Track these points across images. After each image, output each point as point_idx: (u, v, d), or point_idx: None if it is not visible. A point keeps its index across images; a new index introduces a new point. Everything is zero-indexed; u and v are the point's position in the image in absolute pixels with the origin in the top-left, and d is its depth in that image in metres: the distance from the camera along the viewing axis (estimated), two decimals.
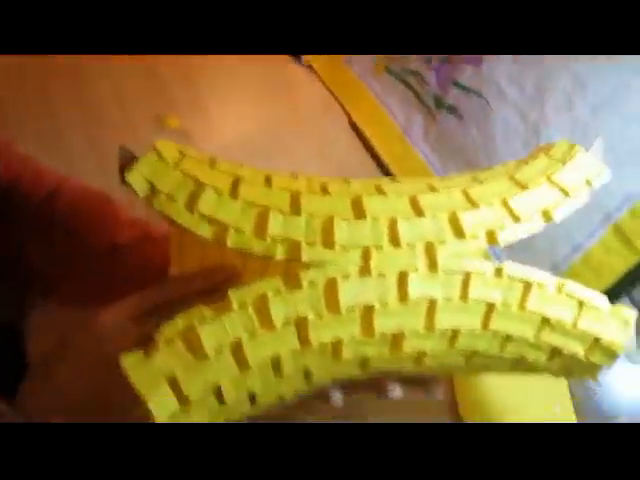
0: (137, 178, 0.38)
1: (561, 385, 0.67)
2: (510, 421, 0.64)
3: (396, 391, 0.46)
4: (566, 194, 0.41)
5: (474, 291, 0.38)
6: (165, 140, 0.40)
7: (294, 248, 0.37)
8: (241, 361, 0.36)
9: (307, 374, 0.38)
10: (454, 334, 0.39)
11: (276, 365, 0.37)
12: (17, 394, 0.39)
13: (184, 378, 0.35)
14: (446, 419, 0.64)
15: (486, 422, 0.62)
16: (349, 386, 0.44)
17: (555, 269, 0.67)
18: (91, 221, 0.56)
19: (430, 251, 0.38)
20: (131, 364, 0.35)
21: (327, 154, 0.86)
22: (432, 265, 0.38)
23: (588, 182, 0.42)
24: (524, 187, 0.41)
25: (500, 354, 0.41)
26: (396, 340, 0.38)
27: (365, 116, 0.88)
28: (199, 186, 0.38)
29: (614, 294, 0.63)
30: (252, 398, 0.38)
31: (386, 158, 0.84)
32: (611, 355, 0.41)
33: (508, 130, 0.69)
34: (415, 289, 0.37)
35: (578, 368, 0.43)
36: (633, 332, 0.42)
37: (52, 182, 0.57)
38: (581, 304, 0.40)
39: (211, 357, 0.35)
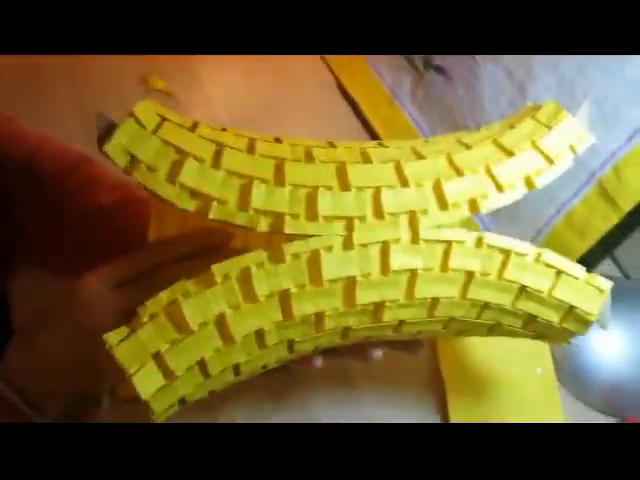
0: (115, 148, 0.36)
1: (543, 347, 0.67)
2: (492, 383, 0.64)
3: (378, 353, 0.46)
4: (550, 161, 0.42)
5: (454, 261, 0.39)
6: (145, 102, 0.38)
7: (277, 220, 0.37)
8: (225, 335, 0.36)
9: (290, 344, 0.39)
10: (433, 303, 0.40)
11: (260, 337, 0.37)
12: (1, 361, 0.38)
13: (169, 353, 0.35)
14: (428, 381, 0.64)
15: (478, 422, 0.62)
16: (331, 351, 0.44)
17: (539, 231, 0.66)
18: (73, 182, 0.55)
19: (413, 222, 0.38)
20: (115, 341, 0.35)
21: (315, 117, 0.85)
22: (414, 236, 0.38)
23: (572, 148, 0.43)
24: (509, 153, 0.41)
25: (477, 320, 0.42)
26: (377, 310, 0.39)
27: (353, 78, 0.87)
28: (181, 155, 0.36)
29: (597, 254, 0.63)
30: (236, 369, 0.38)
31: (374, 120, 0.83)
32: (584, 323, 0.43)
33: (495, 89, 0.68)
34: (397, 260, 0.38)
35: (552, 334, 0.44)
36: (608, 301, 0.42)
37: (33, 142, 0.56)
38: (558, 273, 0.41)
39: (195, 332, 0.35)
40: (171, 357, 0.35)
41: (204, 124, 0.40)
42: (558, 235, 0.64)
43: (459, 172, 0.40)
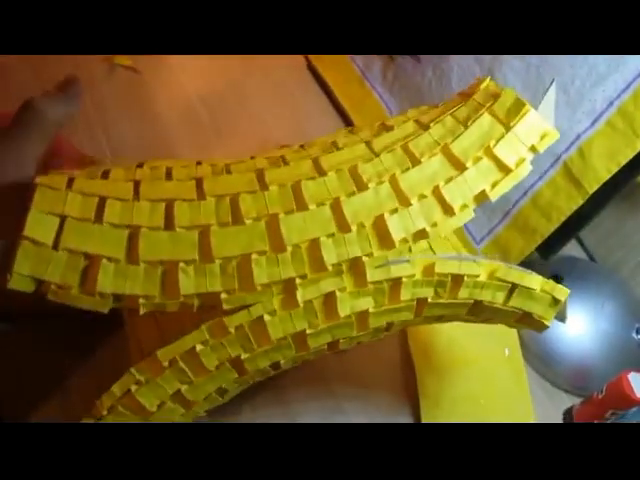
0: (20, 281, 0.31)
1: (510, 329, 0.67)
2: (460, 363, 0.65)
3: None
4: (507, 171, 0.39)
5: (405, 295, 0.38)
6: (40, 190, 0.32)
7: (214, 299, 0.34)
8: (186, 404, 0.38)
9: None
10: (387, 326, 0.40)
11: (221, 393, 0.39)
12: None
13: None
14: (398, 361, 0.65)
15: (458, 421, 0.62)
16: None
17: (507, 214, 0.67)
18: None
19: (357, 268, 0.36)
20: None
21: (285, 99, 0.84)
22: (361, 281, 0.37)
23: (533, 148, 0.40)
24: (460, 167, 0.38)
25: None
26: (332, 346, 0.40)
27: (324, 60, 0.86)
28: (91, 260, 0.32)
29: (562, 236, 0.64)
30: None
31: (344, 102, 0.83)
32: (540, 327, 0.43)
33: (463, 72, 0.68)
34: (345, 308, 0.37)
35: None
36: (565, 306, 0.42)
37: None
38: (513, 287, 0.40)
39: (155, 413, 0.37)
40: None
41: (115, 174, 0.35)
42: (524, 217, 0.64)
43: (404, 201, 0.37)
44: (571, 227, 0.62)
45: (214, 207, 0.34)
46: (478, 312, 0.42)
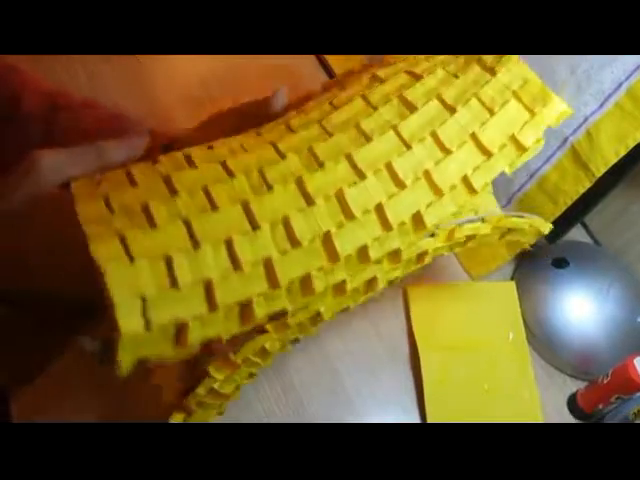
0: (127, 363, 0.32)
1: (515, 314, 0.67)
2: (465, 347, 0.64)
3: None
4: (524, 150, 0.40)
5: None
6: (111, 267, 0.31)
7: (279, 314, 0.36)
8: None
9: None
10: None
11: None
12: None
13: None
14: (404, 347, 0.65)
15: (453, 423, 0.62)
16: None
17: (512, 197, 0.66)
18: None
19: (364, 255, 0.38)
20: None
21: (286, 81, 0.83)
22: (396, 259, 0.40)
23: (550, 126, 0.41)
24: (487, 153, 0.39)
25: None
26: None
27: None
28: (180, 325, 0.33)
29: (568, 220, 0.63)
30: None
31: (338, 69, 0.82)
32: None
33: None
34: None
35: None
36: None
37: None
38: (509, 230, 0.47)
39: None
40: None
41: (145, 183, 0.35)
42: (531, 200, 0.64)
43: (438, 193, 0.38)
44: (577, 211, 0.62)
45: (270, 236, 0.35)
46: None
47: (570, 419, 0.63)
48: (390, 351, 0.64)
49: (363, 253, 0.37)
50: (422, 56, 0.43)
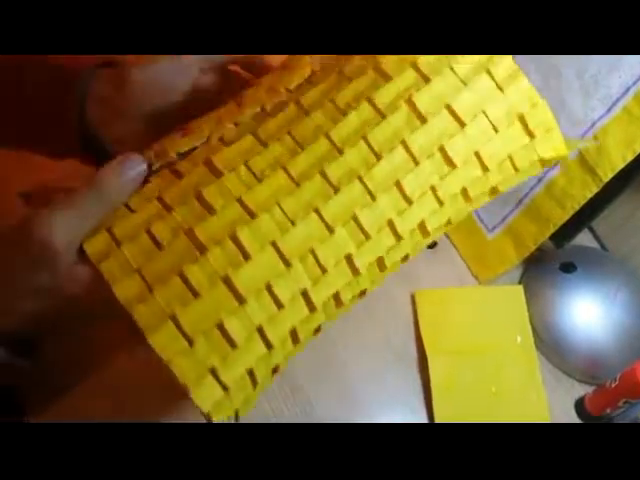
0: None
1: (523, 317, 0.68)
2: (472, 350, 0.65)
3: None
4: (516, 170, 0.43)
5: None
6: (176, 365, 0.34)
7: None
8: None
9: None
10: None
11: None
12: None
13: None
14: (412, 350, 0.65)
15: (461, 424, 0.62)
16: None
17: (520, 201, 0.66)
18: None
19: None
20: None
21: None
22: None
23: (522, 118, 0.41)
24: (462, 125, 0.40)
25: None
26: None
27: None
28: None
29: (576, 224, 0.64)
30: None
31: None
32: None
33: None
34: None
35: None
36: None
37: None
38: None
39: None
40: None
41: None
42: (538, 205, 0.64)
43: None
44: (585, 216, 0.62)
45: (302, 269, 0.37)
46: None
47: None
48: (398, 354, 0.65)
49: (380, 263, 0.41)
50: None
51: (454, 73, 0.40)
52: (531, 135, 0.41)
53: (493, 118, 0.40)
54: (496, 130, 0.40)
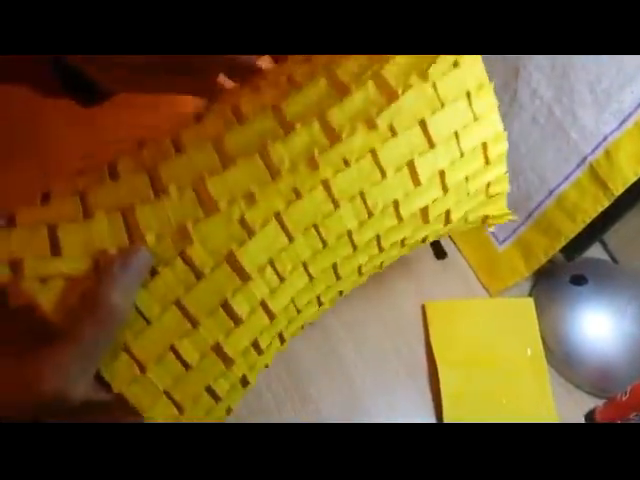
0: None
1: (533, 329, 0.68)
2: (483, 362, 0.65)
3: None
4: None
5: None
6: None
7: None
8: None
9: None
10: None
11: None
12: None
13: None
14: (423, 362, 0.65)
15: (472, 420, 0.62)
16: None
17: (531, 214, 0.67)
18: None
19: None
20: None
21: None
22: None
23: (468, 94, 0.41)
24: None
25: None
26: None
27: None
28: None
29: (587, 238, 0.64)
30: None
31: None
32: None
33: (488, 69, 0.67)
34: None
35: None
36: None
37: None
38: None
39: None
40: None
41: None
42: (549, 218, 0.64)
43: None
44: (596, 229, 0.62)
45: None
46: None
47: None
48: (408, 366, 0.65)
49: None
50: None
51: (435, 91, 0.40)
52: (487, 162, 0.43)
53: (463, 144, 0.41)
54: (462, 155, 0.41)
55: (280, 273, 0.38)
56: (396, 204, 0.40)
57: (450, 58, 0.40)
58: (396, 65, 0.39)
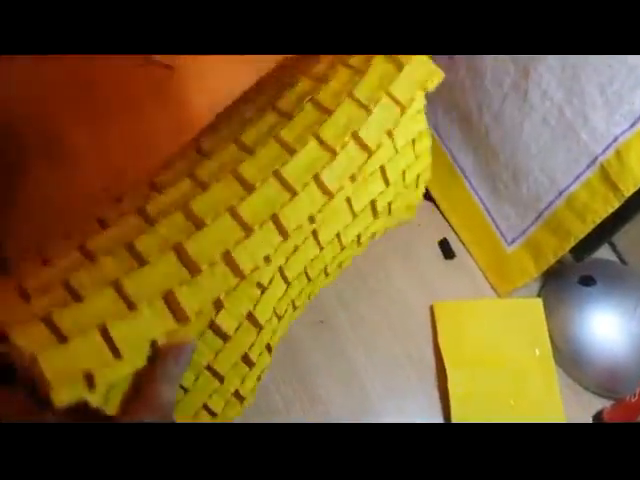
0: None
1: (541, 330, 0.67)
2: (491, 362, 0.65)
3: None
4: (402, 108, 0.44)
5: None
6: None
7: None
8: None
9: None
10: None
11: None
12: None
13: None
14: (431, 362, 0.65)
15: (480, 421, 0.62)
16: None
17: (540, 214, 0.66)
18: None
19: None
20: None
21: None
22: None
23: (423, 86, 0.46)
24: (368, 111, 0.41)
25: None
26: None
27: None
28: None
29: (596, 238, 0.63)
30: None
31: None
32: None
33: (498, 70, 0.67)
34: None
35: None
36: None
37: None
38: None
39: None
40: None
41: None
42: (559, 218, 0.64)
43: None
44: (606, 230, 0.62)
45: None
46: None
47: None
48: (416, 365, 0.65)
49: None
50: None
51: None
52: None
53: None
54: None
55: (263, 284, 0.39)
56: (349, 200, 0.43)
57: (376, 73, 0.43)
58: (330, 89, 0.41)
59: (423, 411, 0.62)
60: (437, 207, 0.77)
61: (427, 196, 0.77)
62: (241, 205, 0.37)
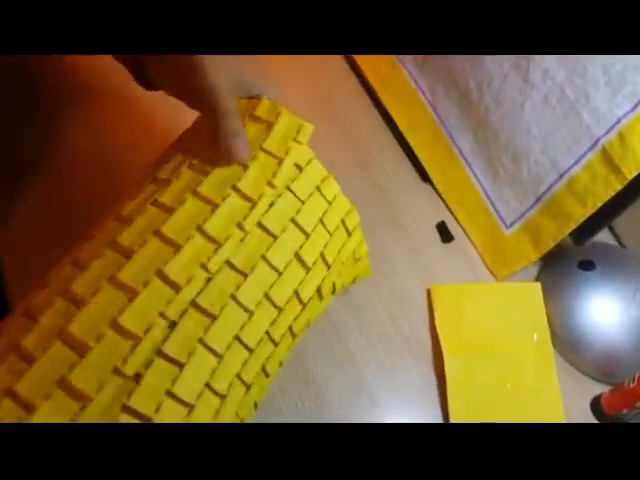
0: None
1: (539, 314, 0.67)
2: (489, 347, 0.64)
3: None
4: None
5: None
6: None
7: None
8: None
9: None
10: None
11: None
12: None
13: None
14: (428, 346, 0.65)
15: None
16: None
17: (540, 197, 0.65)
18: None
19: None
20: None
21: (311, 78, 0.83)
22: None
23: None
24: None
25: None
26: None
27: None
28: None
29: (597, 222, 0.63)
30: None
31: (373, 80, 0.81)
32: None
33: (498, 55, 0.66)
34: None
35: None
36: None
37: None
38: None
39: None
40: None
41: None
42: (559, 202, 0.63)
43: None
44: (606, 214, 0.61)
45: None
46: None
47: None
48: (413, 349, 0.64)
49: None
50: None
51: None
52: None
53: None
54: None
55: (248, 345, 0.42)
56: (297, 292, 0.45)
57: (290, 162, 0.45)
58: (249, 177, 0.43)
59: (419, 395, 0.62)
60: (435, 189, 0.76)
61: (425, 178, 0.76)
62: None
